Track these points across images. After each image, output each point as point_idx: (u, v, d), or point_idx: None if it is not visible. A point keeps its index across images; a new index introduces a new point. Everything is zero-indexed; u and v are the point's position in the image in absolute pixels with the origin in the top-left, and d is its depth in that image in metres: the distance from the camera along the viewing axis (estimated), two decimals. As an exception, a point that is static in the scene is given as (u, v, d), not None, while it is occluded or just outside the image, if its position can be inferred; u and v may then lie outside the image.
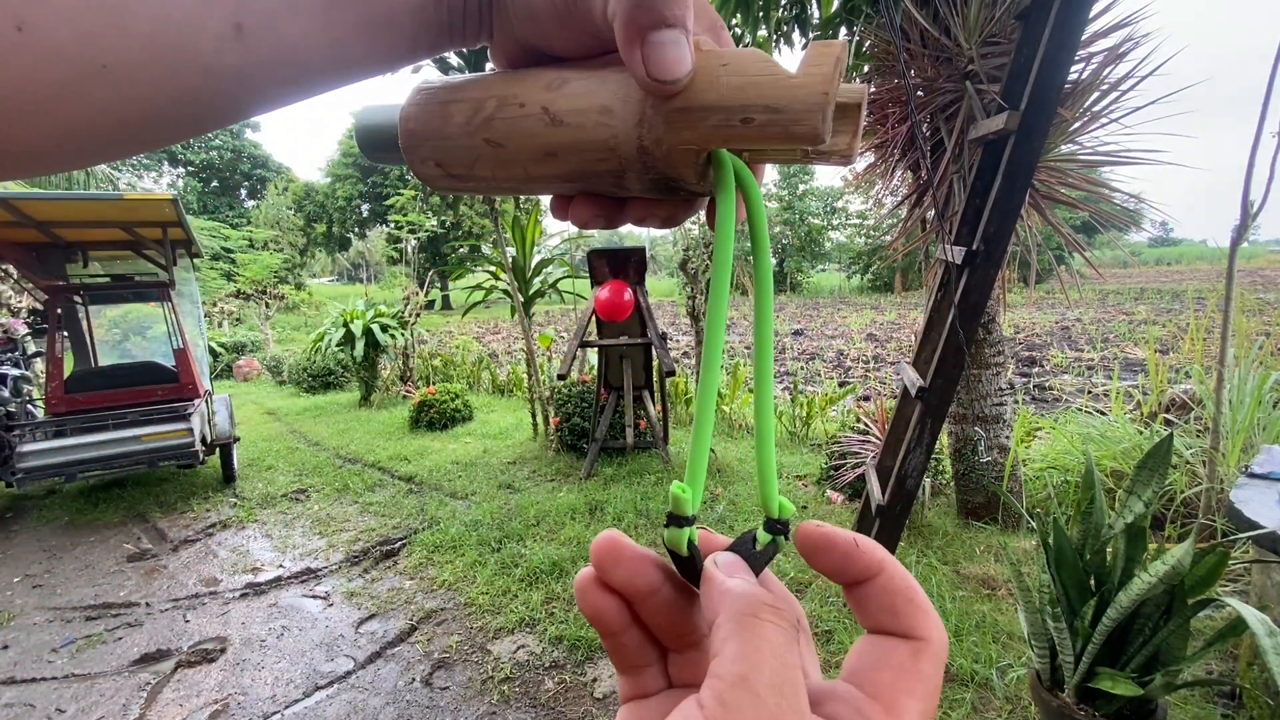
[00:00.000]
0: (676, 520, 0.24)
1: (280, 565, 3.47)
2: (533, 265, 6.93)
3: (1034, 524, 2.10)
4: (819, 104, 0.21)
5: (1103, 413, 4.16)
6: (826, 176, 34.48)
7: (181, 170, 36.81)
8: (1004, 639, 2.39)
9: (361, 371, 8.13)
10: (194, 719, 2.27)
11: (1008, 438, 3.42)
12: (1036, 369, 9.18)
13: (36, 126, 0.21)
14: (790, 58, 4.59)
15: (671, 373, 4.40)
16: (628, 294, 4.28)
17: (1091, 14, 2.44)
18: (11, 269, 5.63)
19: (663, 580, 0.25)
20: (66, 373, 4.72)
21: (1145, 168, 3.02)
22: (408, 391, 8.13)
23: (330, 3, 0.24)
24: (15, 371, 5.36)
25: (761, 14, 4.20)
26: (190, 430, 4.33)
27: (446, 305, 30.43)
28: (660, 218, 0.29)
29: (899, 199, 3.84)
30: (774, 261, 38.69)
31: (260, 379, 11.61)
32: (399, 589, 3.12)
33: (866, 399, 6.76)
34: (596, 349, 4.79)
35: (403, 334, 8.25)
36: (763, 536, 0.24)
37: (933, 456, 2.97)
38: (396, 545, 3.61)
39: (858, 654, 0.22)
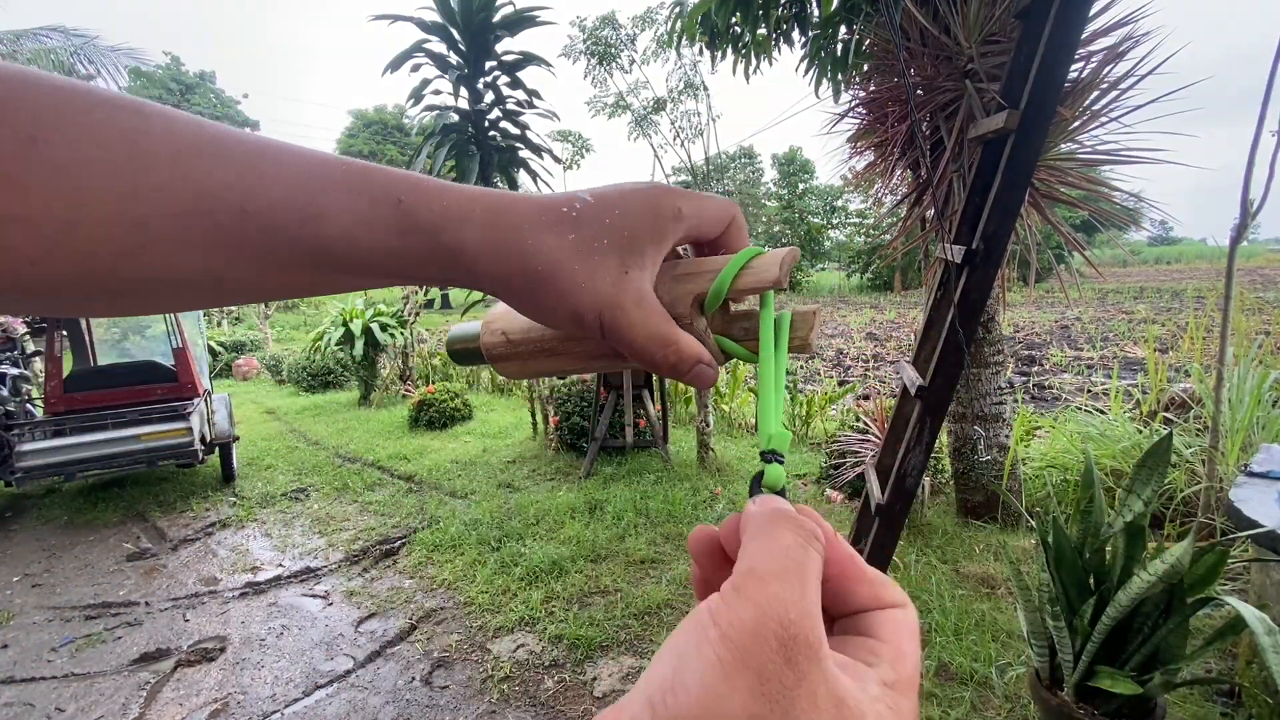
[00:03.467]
0: (778, 458, 0.26)
1: (280, 564, 3.47)
2: (532, 264, 6.93)
3: (1033, 523, 2.10)
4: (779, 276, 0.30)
5: (1102, 411, 4.16)
6: (826, 175, 34.44)
7: (180, 169, 36.76)
8: (1003, 638, 2.39)
9: (361, 370, 8.13)
10: (194, 718, 2.27)
11: (1007, 436, 3.42)
12: (1036, 368, 9.18)
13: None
14: (790, 56, 4.59)
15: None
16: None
17: (1092, 12, 2.43)
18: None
19: None
20: (65, 372, 4.72)
21: (1145, 166, 3.01)
22: (407, 390, 8.13)
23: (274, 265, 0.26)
24: (14, 371, 5.36)
25: (761, 12, 4.20)
26: (189, 429, 4.33)
27: (446, 304, 30.39)
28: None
29: (898, 198, 3.84)
30: (773, 260, 38.66)
31: (260, 378, 11.61)
32: (398, 588, 3.12)
33: (866, 398, 6.77)
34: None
35: (402, 333, 8.25)
36: (770, 472, 0.26)
37: (932, 455, 2.97)
38: (396, 544, 3.61)
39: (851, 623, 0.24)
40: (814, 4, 4.18)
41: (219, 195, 0.24)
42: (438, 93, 5.63)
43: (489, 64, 5.53)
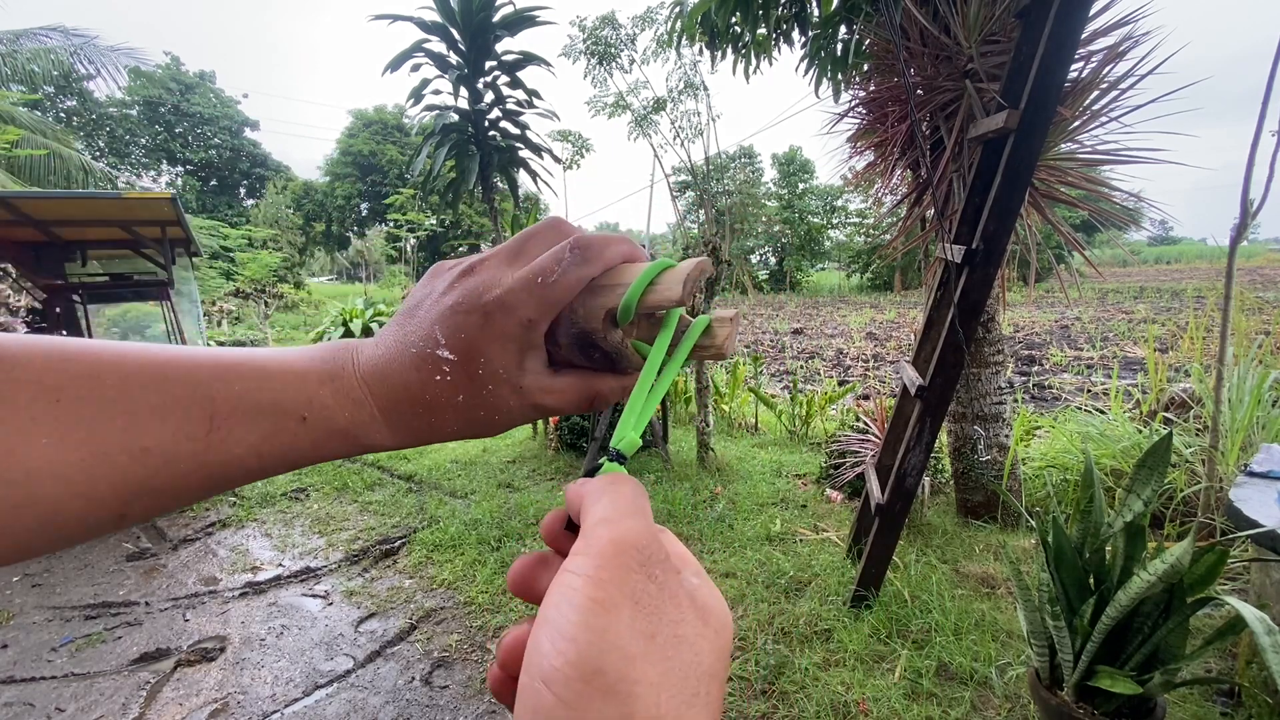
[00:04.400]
0: (622, 459, 0.29)
1: (280, 564, 3.47)
2: (532, 264, 6.93)
3: (1033, 522, 2.10)
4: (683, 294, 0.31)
5: (1102, 411, 4.16)
6: (826, 175, 34.42)
7: (180, 169, 36.76)
8: (1003, 637, 2.39)
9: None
10: (193, 718, 2.27)
11: (1007, 436, 3.42)
12: (1036, 368, 9.18)
13: None
14: (790, 56, 4.59)
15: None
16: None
17: (1091, 12, 2.43)
18: (10, 268, 5.62)
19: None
20: (65, 372, 4.70)
21: (1145, 166, 3.01)
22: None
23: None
24: (14, 370, 5.35)
25: (761, 12, 4.20)
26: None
27: (446, 304, 30.36)
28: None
29: (898, 198, 3.84)
30: (773, 260, 38.71)
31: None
32: (398, 588, 3.12)
33: (866, 398, 6.77)
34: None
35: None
36: (608, 466, 0.28)
37: (932, 455, 2.98)
38: (396, 544, 3.61)
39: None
40: (814, 4, 4.18)
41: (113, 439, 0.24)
42: (438, 93, 5.63)
43: (489, 64, 5.53)
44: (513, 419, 0.33)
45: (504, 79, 5.66)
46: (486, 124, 5.69)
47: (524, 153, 5.87)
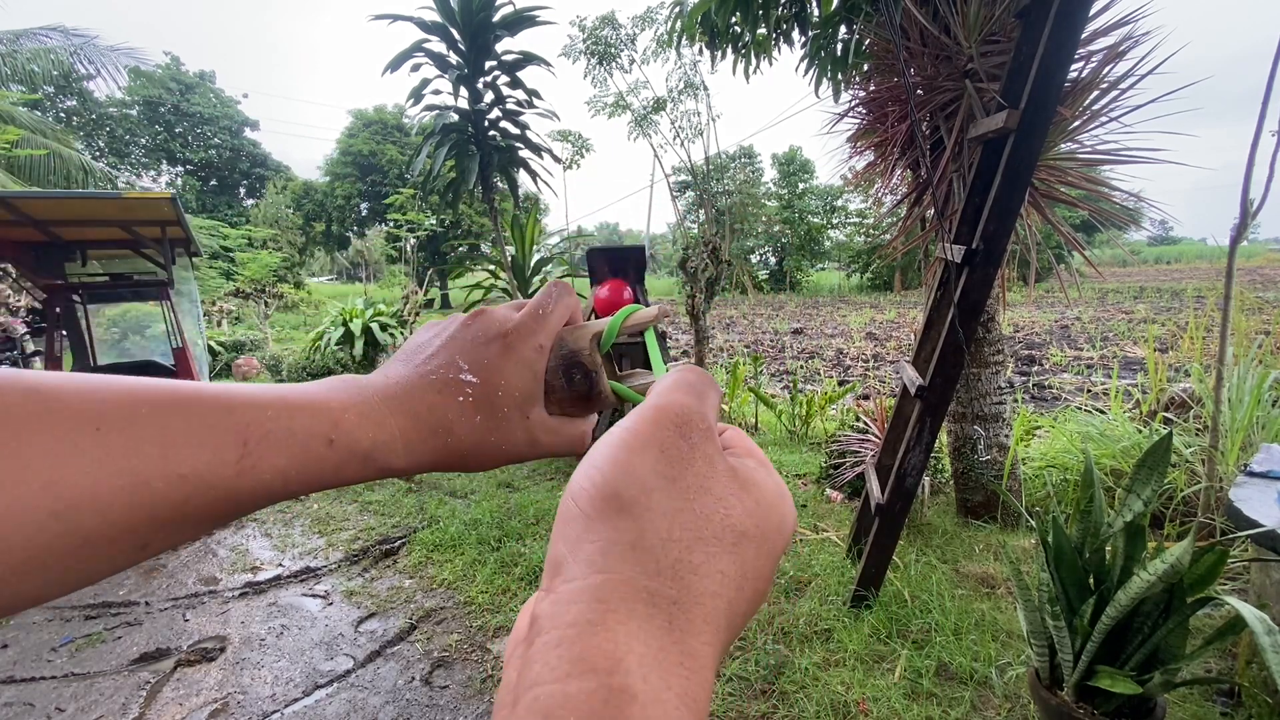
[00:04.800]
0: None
1: (279, 564, 3.47)
2: (532, 264, 6.93)
3: (1033, 522, 2.10)
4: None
5: (1102, 411, 4.16)
6: (826, 175, 34.42)
7: (180, 169, 36.77)
8: (1003, 637, 2.39)
9: (361, 370, 8.13)
10: (193, 718, 2.27)
11: (1007, 436, 3.42)
12: (1036, 367, 9.18)
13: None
14: (790, 56, 4.59)
15: (671, 371, 4.39)
16: (627, 293, 4.25)
17: (1091, 12, 2.43)
18: (10, 268, 5.62)
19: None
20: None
21: (1145, 166, 3.01)
22: (407, 390, 8.12)
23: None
24: (14, 370, 5.35)
25: (761, 12, 4.20)
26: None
27: (446, 304, 30.40)
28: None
29: (898, 198, 3.84)
30: (773, 260, 38.69)
31: (259, 378, 11.60)
32: (398, 588, 3.12)
33: (866, 397, 6.77)
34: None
35: (402, 333, 8.25)
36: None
37: (932, 455, 2.98)
38: (396, 544, 3.61)
39: None
40: (814, 4, 4.18)
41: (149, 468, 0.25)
42: (437, 92, 5.63)
43: (489, 64, 5.53)
44: (516, 450, 0.36)
45: (504, 79, 5.66)
46: (486, 124, 5.69)
47: (524, 153, 5.87)
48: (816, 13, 4.18)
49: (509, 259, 6.41)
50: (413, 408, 0.33)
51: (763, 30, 4.42)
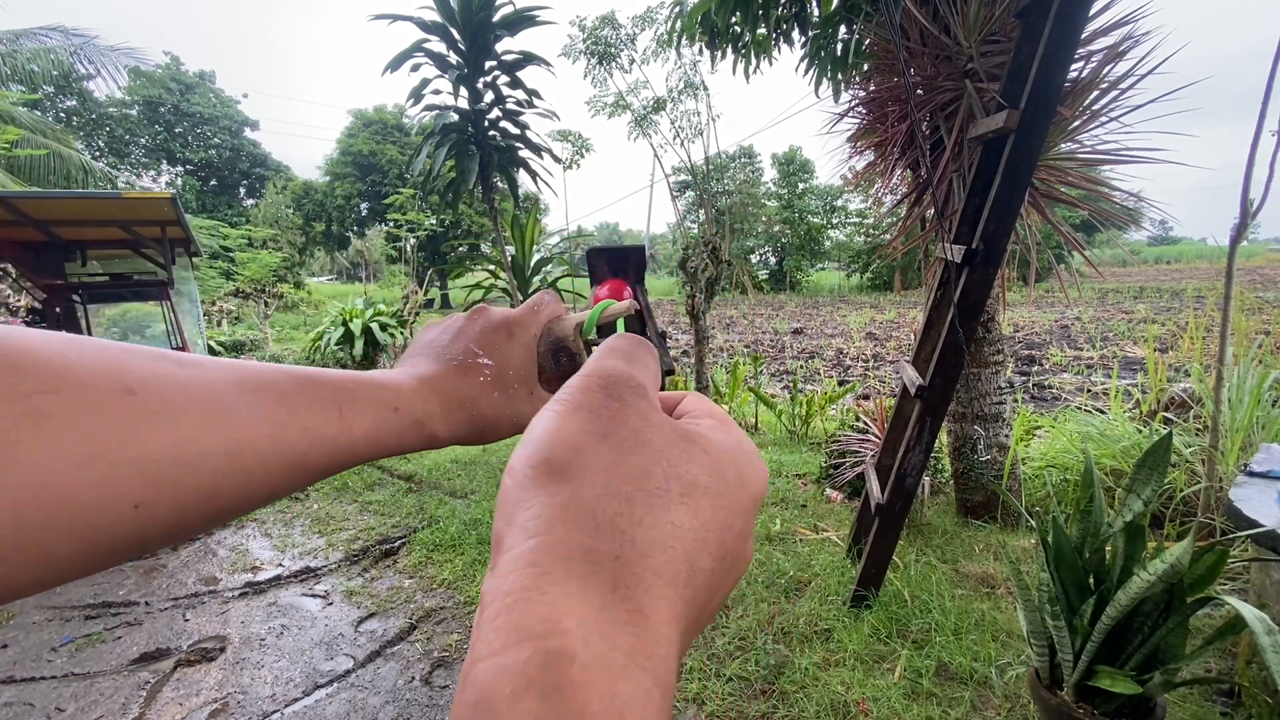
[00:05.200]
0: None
1: (279, 564, 3.47)
2: (532, 264, 6.93)
3: (1033, 522, 2.10)
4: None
5: (1102, 411, 4.16)
6: (826, 175, 34.41)
7: (180, 169, 36.76)
8: (1003, 637, 2.39)
9: (360, 370, 8.12)
10: (193, 718, 2.27)
11: (1007, 436, 3.42)
12: (1036, 367, 9.18)
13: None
14: (790, 56, 4.59)
15: (671, 371, 4.36)
16: (627, 292, 4.26)
17: (1091, 12, 2.43)
18: (10, 268, 5.62)
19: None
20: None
21: (1145, 166, 3.02)
22: (407, 390, 8.11)
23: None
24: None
25: (761, 12, 4.20)
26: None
27: (446, 304, 30.39)
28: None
29: (898, 197, 3.84)
30: (773, 260, 38.70)
31: (259, 378, 11.57)
32: (398, 588, 3.12)
33: (866, 397, 6.77)
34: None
35: (402, 333, 8.24)
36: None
37: (932, 455, 2.98)
38: (396, 544, 3.61)
39: None
40: (814, 4, 4.18)
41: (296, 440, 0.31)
42: (437, 92, 5.63)
43: (489, 64, 5.53)
44: (526, 420, 0.41)
45: (504, 79, 5.65)
46: (486, 124, 5.69)
47: (524, 152, 5.87)
48: (816, 13, 4.18)
49: (509, 259, 6.42)
50: (443, 388, 0.39)
51: (763, 30, 4.42)
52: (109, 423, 0.24)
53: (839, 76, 4.27)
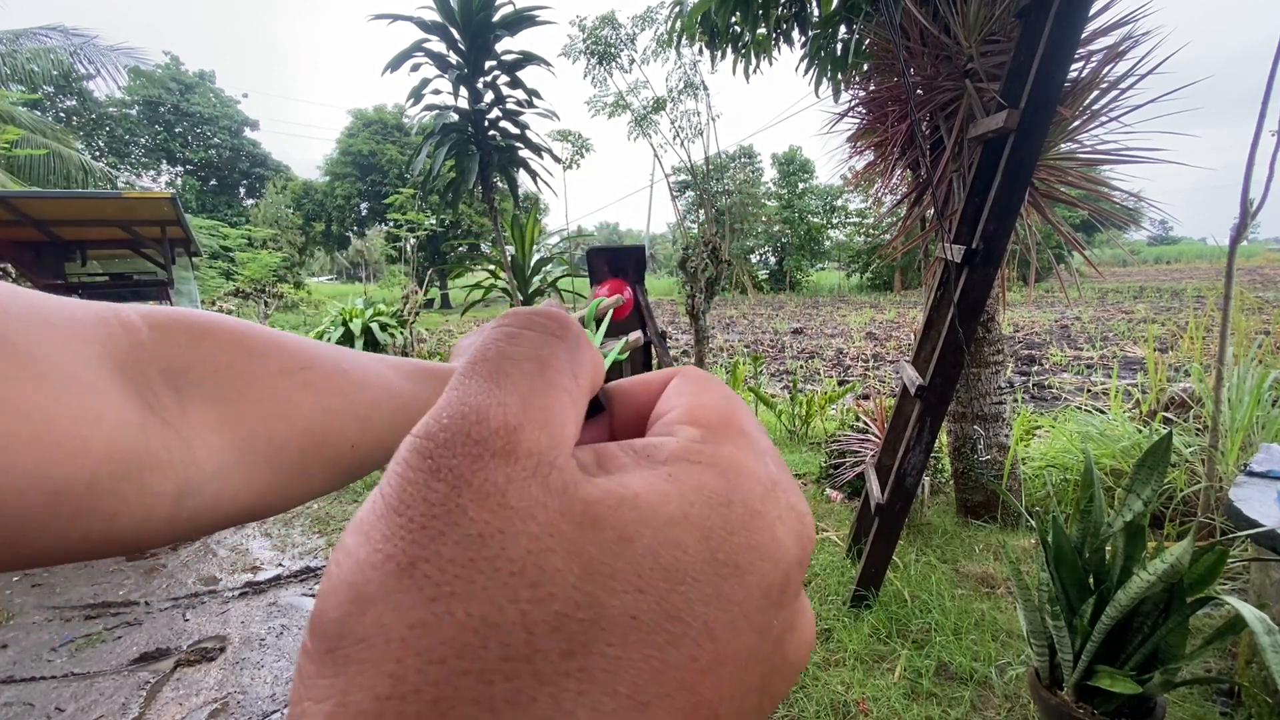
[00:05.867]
0: None
1: (279, 564, 3.47)
2: (532, 264, 6.93)
3: (1033, 522, 2.10)
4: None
5: (1102, 411, 4.16)
6: (826, 175, 34.44)
7: (180, 169, 36.77)
8: (1003, 637, 2.39)
9: (361, 370, 8.11)
10: (193, 718, 2.27)
11: (1007, 436, 3.42)
12: (1036, 367, 9.18)
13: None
14: (790, 56, 4.59)
15: (671, 371, 4.39)
16: (627, 292, 4.27)
17: (1091, 12, 2.43)
18: (10, 267, 5.62)
19: None
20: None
21: (1145, 166, 3.02)
22: (407, 390, 8.10)
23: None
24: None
25: (761, 12, 4.20)
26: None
27: (446, 304, 30.39)
28: None
29: (898, 197, 3.84)
30: (773, 260, 38.70)
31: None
32: (398, 588, 3.12)
33: (866, 397, 6.77)
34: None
35: (402, 333, 8.24)
36: None
37: (932, 455, 2.98)
38: (396, 544, 3.61)
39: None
40: (814, 3, 4.18)
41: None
42: (437, 92, 5.63)
43: (489, 64, 5.53)
44: None
45: (504, 79, 5.65)
46: (486, 124, 5.69)
47: (524, 152, 5.87)
48: (816, 12, 4.18)
49: (509, 259, 6.42)
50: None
51: (763, 30, 4.42)
52: (336, 389, 0.35)
53: (839, 76, 4.27)
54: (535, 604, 0.11)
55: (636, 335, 0.47)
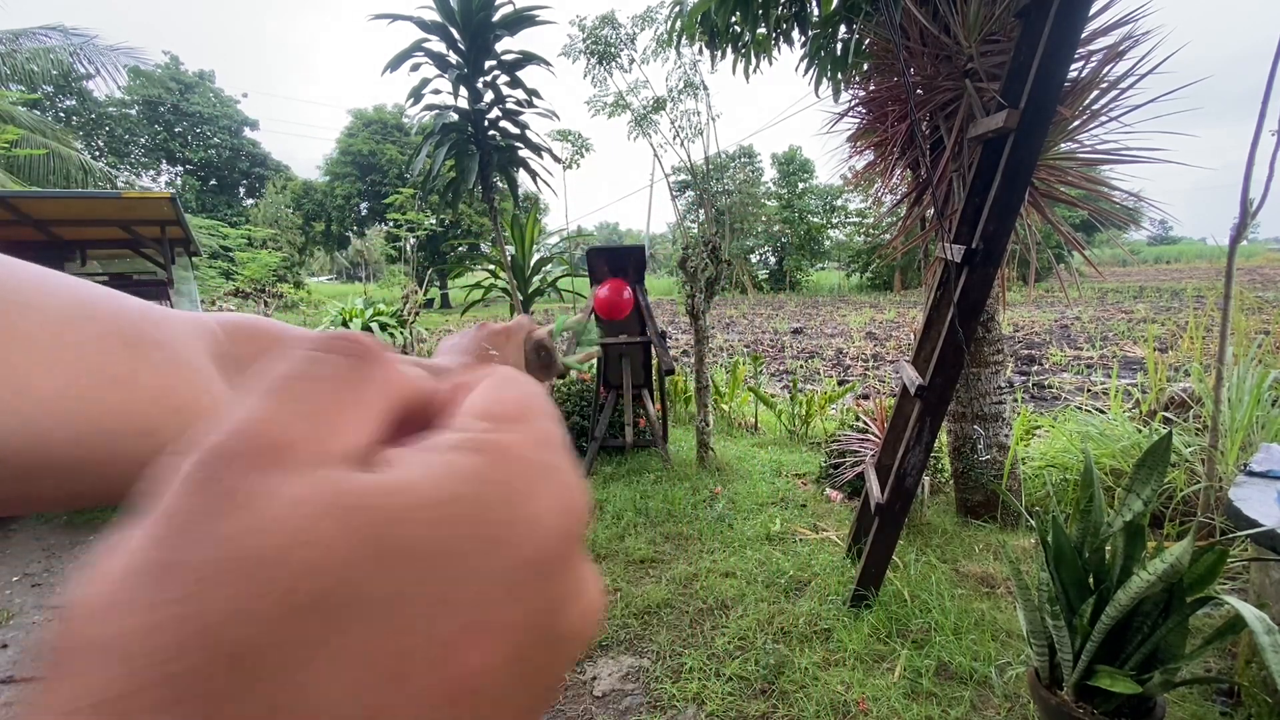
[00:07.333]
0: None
1: (279, 564, 3.47)
2: (532, 264, 6.93)
3: (1033, 522, 2.10)
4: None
5: (1102, 411, 4.16)
6: (826, 175, 34.45)
7: (180, 168, 36.77)
8: (1003, 637, 2.39)
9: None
10: (193, 718, 2.27)
11: (1007, 436, 3.42)
12: (1035, 367, 9.18)
13: None
14: (790, 56, 4.59)
15: (671, 371, 4.40)
16: (627, 292, 4.27)
17: (1091, 12, 2.43)
18: (10, 267, 5.62)
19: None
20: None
21: (1145, 166, 3.02)
22: (407, 390, 8.10)
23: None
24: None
25: (761, 12, 4.20)
26: (189, 429, 4.32)
27: (445, 304, 30.39)
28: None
29: (898, 197, 3.84)
30: (773, 260, 38.71)
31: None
32: (398, 587, 3.12)
33: (866, 397, 6.77)
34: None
35: (402, 333, 8.24)
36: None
37: (932, 455, 2.98)
38: (396, 544, 3.61)
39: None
40: (814, 3, 4.18)
41: None
42: (437, 92, 5.62)
43: (489, 63, 5.53)
44: None
45: (504, 78, 5.65)
46: (486, 124, 5.69)
47: (524, 152, 5.87)
48: (816, 12, 4.18)
49: (509, 259, 6.42)
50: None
51: (763, 30, 4.42)
52: None
53: (839, 76, 4.27)
54: (287, 594, 0.11)
55: (596, 349, 0.64)
